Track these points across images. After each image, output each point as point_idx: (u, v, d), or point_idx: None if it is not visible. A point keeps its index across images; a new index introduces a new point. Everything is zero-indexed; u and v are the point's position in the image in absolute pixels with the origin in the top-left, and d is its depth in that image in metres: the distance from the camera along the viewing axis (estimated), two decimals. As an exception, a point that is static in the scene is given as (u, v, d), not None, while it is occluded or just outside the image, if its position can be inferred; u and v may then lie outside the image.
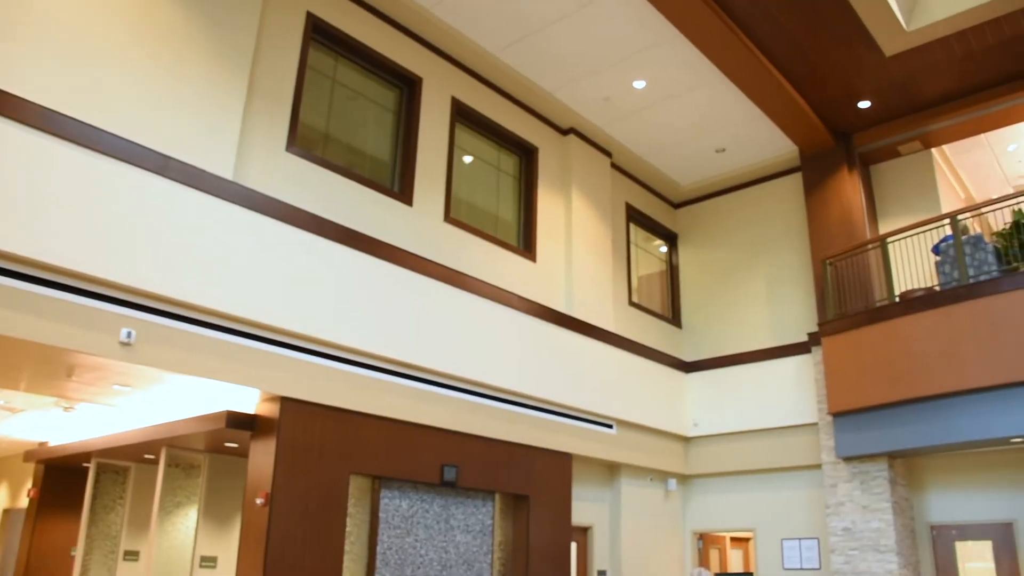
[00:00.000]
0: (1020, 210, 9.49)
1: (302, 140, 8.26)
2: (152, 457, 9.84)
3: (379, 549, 7.81)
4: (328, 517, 7.26)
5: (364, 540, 7.80)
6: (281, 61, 8.10)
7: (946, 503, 10.42)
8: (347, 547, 7.59)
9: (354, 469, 7.62)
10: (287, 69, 8.14)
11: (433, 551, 8.39)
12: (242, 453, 8.52)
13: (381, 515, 7.93)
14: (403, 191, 9.16)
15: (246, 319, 6.85)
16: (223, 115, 7.24)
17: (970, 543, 10.12)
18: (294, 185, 7.87)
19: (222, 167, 7.10)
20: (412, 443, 8.20)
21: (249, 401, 7.41)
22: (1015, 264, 9.31)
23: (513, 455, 9.36)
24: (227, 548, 8.85)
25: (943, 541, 10.30)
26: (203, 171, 6.78)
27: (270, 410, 7.20)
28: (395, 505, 8.12)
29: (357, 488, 7.85)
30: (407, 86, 9.60)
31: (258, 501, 6.94)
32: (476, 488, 8.91)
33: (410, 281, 8.42)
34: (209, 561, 8.72)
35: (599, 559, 10.85)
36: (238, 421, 7.27)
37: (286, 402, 7.15)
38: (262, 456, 7.13)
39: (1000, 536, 9.92)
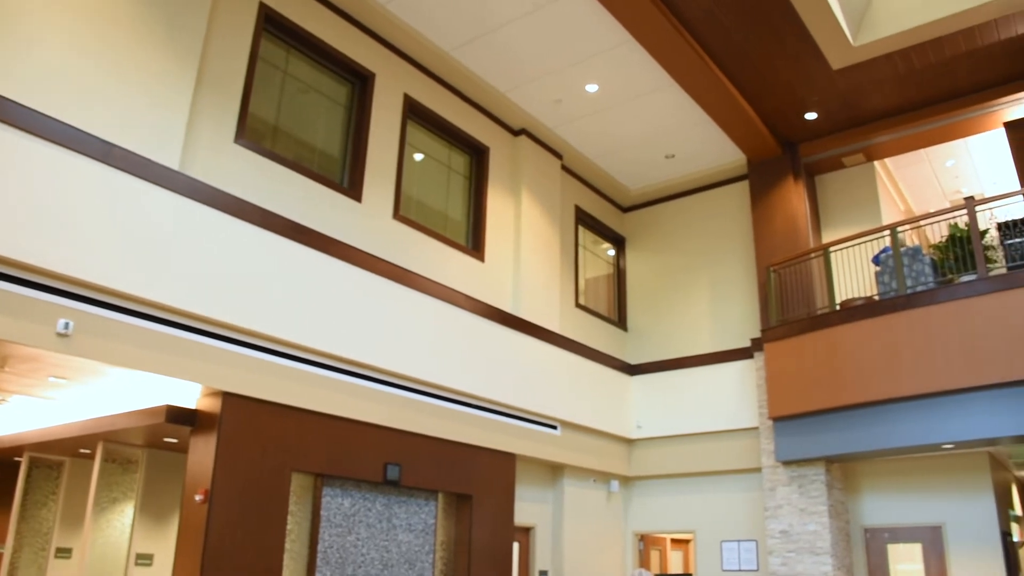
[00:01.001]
0: (956, 224, 9.76)
1: (251, 132, 8.14)
2: (88, 452, 9.62)
3: (320, 548, 7.74)
4: (268, 515, 7.17)
5: (305, 538, 7.72)
6: (232, 51, 7.97)
7: (879, 507, 10.69)
8: (287, 545, 7.50)
9: (296, 466, 7.54)
10: (238, 59, 8.02)
11: (375, 550, 8.34)
12: (182, 449, 8.37)
13: (323, 513, 7.86)
14: (352, 187, 9.09)
15: (189, 312, 6.73)
16: (170, 103, 7.10)
17: (901, 545, 10.41)
18: (242, 178, 7.76)
19: (168, 157, 6.96)
20: (355, 441, 8.14)
21: (190, 396, 7.28)
22: (950, 276, 9.57)
23: (457, 455, 9.34)
24: (164, 546, 8.69)
25: (876, 543, 10.56)
26: (148, 160, 6.65)
27: (211, 405, 7.08)
28: (337, 503, 8.05)
29: (299, 486, 7.77)
30: (359, 81, 9.53)
31: (197, 498, 6.82)
32: (419, 487, 8.88)
33: (357, 278, 8.36)
34: (145, 559, 8.54)
35: (541, 559, 10.89)
36: (178, 416, 7.14)
37: (228, 397, 7.04)
38: (202, 452, 7.01)
39: (929, 539, 10.20)
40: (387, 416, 8.49)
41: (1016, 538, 11.30)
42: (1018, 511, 13.10)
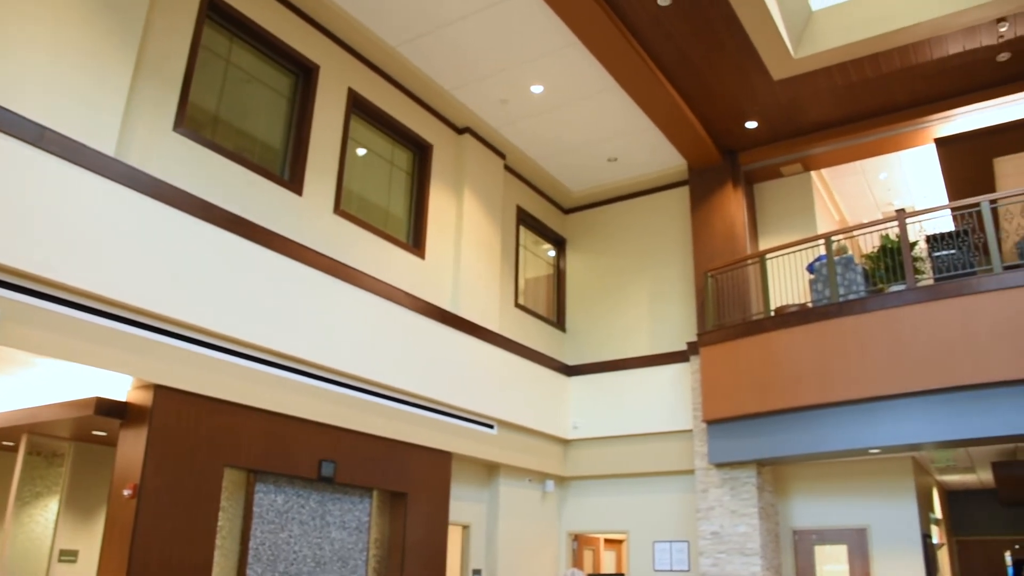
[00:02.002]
0: (887, 235, 10.04)
1: (191, 121, 7.98)
2: (11, 444, 9.29)
3: (252, 544, 7.62)
4: (199, 511, 7.03)
5: (236, 535, 7.59)
6: (173, 37, 7.79)
7: (808, 509, 10.95)
8: (218, 542, 7.36)
9: (229, 462, 7.41)
10: (179, 46, 7.84)
11: (307, 547, 8.24)
12: (111, 442, 8.15)
13: (255, 510, 7.74)
14: (293, 180, 8.97)
15: (121, 303, 6.56)
16: (107, 88, 6.92)
17: (828, 547, 10.69)
18: (180, 167, 7.60)
19: (104, 143, 6.78)
20: (290, 437, 8.03)
21: (121, 388, 7.10)
22: (881, 285, 9.84)
23: (393, 452, 9.29)
24: (90, 542, 8.44)
25: (804, 545, 10.82)
26: (83, 145, 6.45)
27: (143, 398, 6.91)
28: (270, 500, 7.94)
29: (231, 482, 7.63)
30: (303, 73, 9.41)
31: (125, 493, 6.66)
32: (354, 484, 8.80)
33: (295, 272, 8.25)
34: (69, 555, 8.30)
35: (475, 558, 10.89)
36: (108, 409, 6.95)
37: (160, 390, 6.88)
38: (132, 446, 6.84)
39: (855, 540, 10.50)
40: (323, 412, 8.40)
41: (935, 540, 11.69)
42: (938, 514, 13.56)
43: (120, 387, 7.07)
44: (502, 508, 11.32)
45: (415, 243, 10.72)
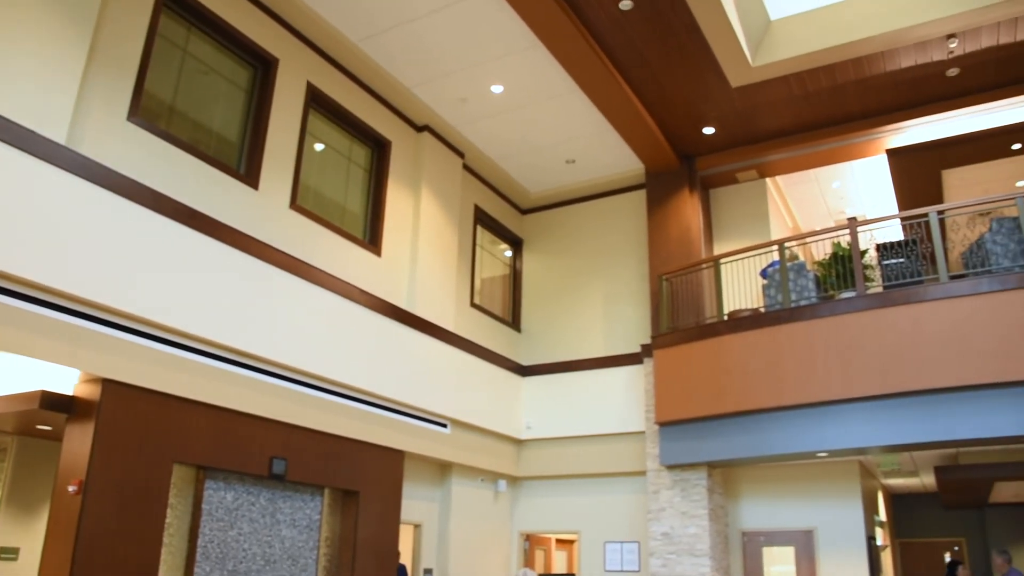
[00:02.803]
0: (839, 243, 10.21)
1: (146, 111, 7.83)
2: (-51, 437, 9.05)
3: (200, 542, 7.50)
4: (147, 507, 6.90)
5: (184, 532, 7.46)
6: (129, 24, 7.64)
7: (756, 511, 11.10)
8: (166, 539, 7.24)
9: (178, 458, 7.28)
10: (135, 33, 7.69)
11: (257, 545, 8.14)
12: (56, 437, 7.97)
13: (204, 507, 7.62)
14: (250, 174, 8.86)
15: (69, 294, 6.41)
16: (59, 74, 6.76)
17: (776, 548, 10.86)
18: (133, 157, 7.45)
19: (54, 130, 6.63)
20: (241, 433, 7.93)
21: (67, 382, 6.94)
22: (832, 292, 10.01)
23: (345, 450, 9.22)
24: (32, 539, 8.25)
25: (752, 546, 10.96)
26: (32, 132, 6.29)
27: (90, 392, 6.77)
28: (219, 497, 7.83)
29: (180, 478, 7.50)
30: (262, 66, 9.29)
31: (70, 489, 6.51)
32: (305, 482, 8.72)
33: (249, 266, 8.14)
34: (9, 553, 8.10)
35: (427, 557, 10.85)
36: (54, 402, 6.78)
37: (108, 384, 6.74)
38: (78, 441, 6.69)
39: (802, 542, 10.67)
40: (275, 409, 8.31)
41: (880, 542, 11.93)
42: (883, 517, 13.83)
43: (67, 381, 6.92)
44: (454, 507, 11.30)
45: (372, 240, 10.66)
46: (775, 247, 10.49)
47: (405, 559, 10.53)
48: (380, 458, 9.72)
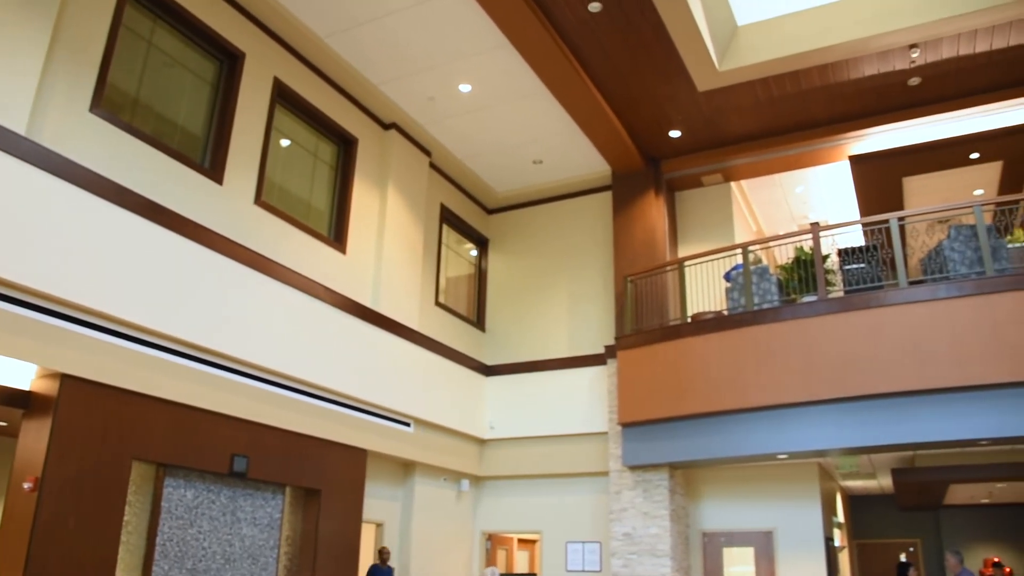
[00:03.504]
0: (802, 247, 10.34)
1: (109, 102, 7.71)
2: (-100, 432, 8.85)
3: (159, 540, 7.41)
4: (105, 505, 6.80)
5: (143, 530, 7.37)
6: (92, 14, 7.51)
7: (717, 512, 11.21)
8: (124, 537, 7.14)
9: (137, 455, 7.19)
10: (98, 24, 7.57)
11: (217, 544, 8.06)
12: (11, 433, 7.83)
13: (164, 505, 7.53)
14: (214, 169, 8.76)
15: (27, 287, 6.30)
16: (19, 63, 6.64)
17: (735, 549, 10.96)
18: (95, 149, 7.34)
19: (14, 120, 6.50)
20: (203, 431, 7.84)
21: (24, 377, 6.82)
22: (794, 296, 10.13)
23: (307, 448, 9.16)
24: (-17, 535, 8.09)
25: (712, 547, 11.06)
26: (-8, 123, 6.20)
27: (48, 387, 6.66)
28: (179, 494, 7.74)
29: (139, 475, 7.40)
30: (228, 60, 9.20)
31: (25, 486, 6.40)
32: (267, 480, 8.65)
33: (213, 262, 8.06)
34: (-39, 549, 7.94)
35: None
36: (10, 398, 6.66)
37: (66, 380, 6.63)
38: (34, 437, 6.57)
39: (761, 543, 10.79)
40: (237, 406, 8.23)
41: (837, 543, 12.09)
42: (841, 518, 14.02)
43: (24, 375, 6.79)
44: (416, 506, 11.27)
45: (337, 238, 10.59)
46: (739, 250, 10.59)
47: (365, 558, 10.46)
48: (343, 456, 9.67)
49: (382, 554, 10.10)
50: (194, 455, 7.72)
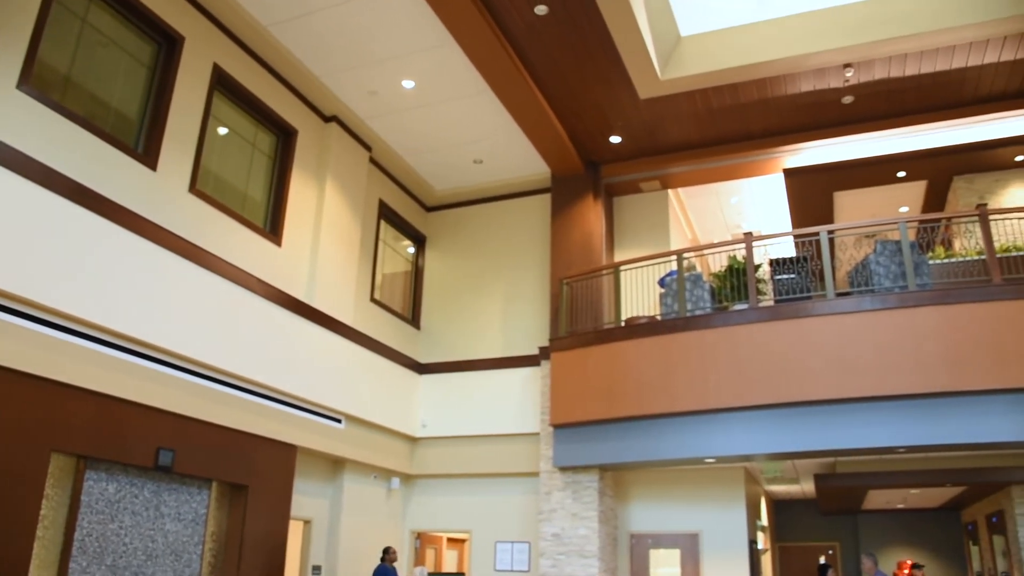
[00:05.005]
0: (735, 256, 10.53)
1: (38, 80, 7.43)
2: None
3: (77, 536, 7.19)
4: (19, 498, 6.55)
5: (61, 525, 7.12)
6: (23, -11, 7.26)
7: (645, 514, 11.35)
8: (39, 532, 6.89)
9: (56, 446, 6.96)
10: (29, -1, 7.31)
11: (139, 539, 7.86)
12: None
13: (84, 498, 7.30)
14: (148, 154, 8.52)
15: (-53, 270, 6.08)
16: (-55, 38, 6.39)
17: (662, 551, 11.12)
18: (22, 128, 7.06)
19: (-63, 96, 6.26)
20: (126, 422, 7.63)
21: (-61, 362, 6.57)
22: (726, 303, 10.31)
23: (235, 442, 8.99)
24: None
25: (639, 548, 11.20)
26: (-87, 97, 5.94)
27: (-36, 374, 6.42)
28: (101, 488, 7.52)
29: (58, 468, 7.15)
30: (167, 43, 8.96)
31: (-63, 475, 6.16)
32: (192, 475, 8.47)
33: (143, 249, 7.85)
34: None
35: (316, 554, 10.68)
36: (-79, 383, 6.42)
37: (-17, 367, 6.41)
38: (-52, 425, 6.34)
39: (687, 545, 10.96)
40: (163, 398, 8.03)
41: (761, 546, 12.34)
42: (764, 521, 14.32)
43: (-62, 361, 6.54)
44: (346, 504, 11.15)
45: (272, 229, 10.42)
46: (674, 257, 10.73)
47: (292, 555, 10.32)
48: (271, 452, 9.52)
49: (388, 553, 10.07)
50: (117, 448, 7.52)
